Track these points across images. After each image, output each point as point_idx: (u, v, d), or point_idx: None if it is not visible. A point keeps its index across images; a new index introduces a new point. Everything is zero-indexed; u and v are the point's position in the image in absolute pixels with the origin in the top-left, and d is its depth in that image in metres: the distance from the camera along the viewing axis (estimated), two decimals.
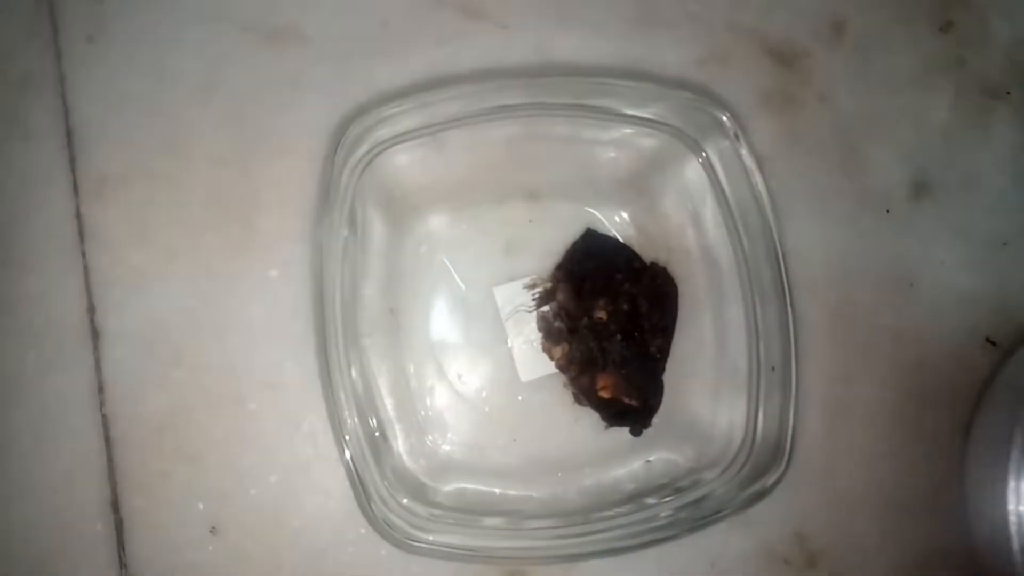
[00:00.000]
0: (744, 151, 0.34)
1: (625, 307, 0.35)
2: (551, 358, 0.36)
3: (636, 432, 0.36)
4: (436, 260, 0.37)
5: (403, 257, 0.36)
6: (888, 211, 0.40)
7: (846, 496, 0.38)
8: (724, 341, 0.36)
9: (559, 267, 0.36)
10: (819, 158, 0.40)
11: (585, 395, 0.35)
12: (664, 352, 0.36)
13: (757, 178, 0.34)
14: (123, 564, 0.35)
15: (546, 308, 0.36)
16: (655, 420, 0.36)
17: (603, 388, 0.34)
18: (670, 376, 0.37)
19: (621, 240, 0.36)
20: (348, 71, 0.38)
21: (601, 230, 0.37)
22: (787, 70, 0.40)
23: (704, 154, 0.36)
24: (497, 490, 0.35)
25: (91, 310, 0.36)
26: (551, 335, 0.36)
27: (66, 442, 0.35)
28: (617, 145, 0.37)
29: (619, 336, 0.35)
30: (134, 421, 0.36)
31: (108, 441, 0.36)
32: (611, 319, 0.35)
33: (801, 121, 0.40)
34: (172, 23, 0.38)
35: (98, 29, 0.38)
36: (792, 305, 0.34)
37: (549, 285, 0.36)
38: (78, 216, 0.37)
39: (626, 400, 0.35)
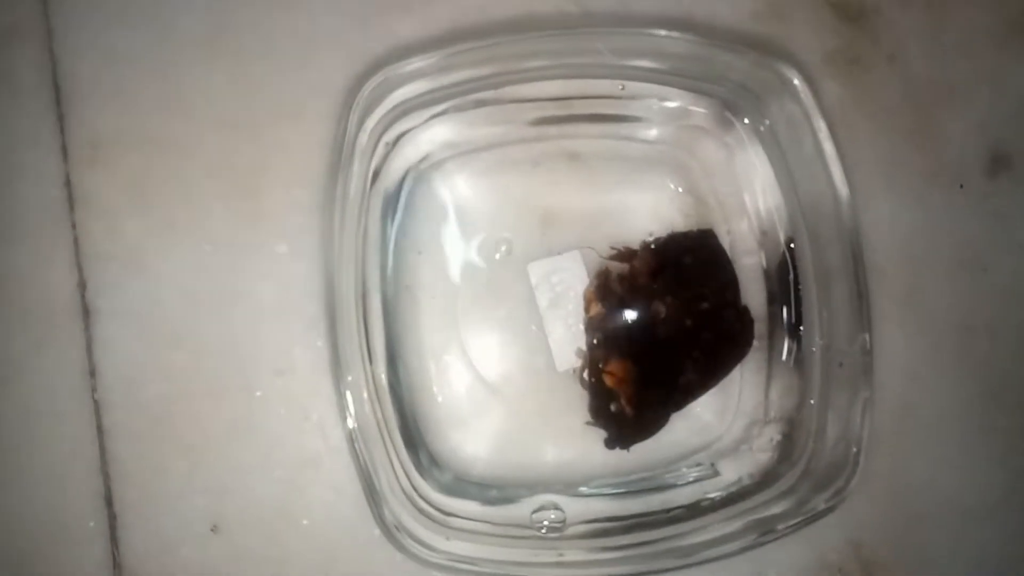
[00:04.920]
0: (816, 116, 0.28)
1: (688, 323, 0.29)
2: (585, 310, 0.30)
3: (610, 445, 0.30)
4: (463, 232, 0.31)
5: (425, 229, 0.31)
6: (962, 186, 0.34)
7: (907, 502, 0.32)
8: (782, 330, 0.31)
9: (655, 240, 0.30)
10: (886, 127, 0.34)
11: (590, 370, 0.29)
12: (690, 393, 0.30)
13: (829, 147, 0.28)
14: (116, 563, 0.30)
15: (617, 265, 0.30)
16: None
17: (610, 373, 0.29)
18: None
19: (732, 264, 0.30)
20: (366, 22, 0.32)
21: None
22: (852, 27, 0.34)
23: (766, 119, 0.29)
24: (527, 495, 0.29)
25: (82, 286, 0.31)
26: (600, 289, 0.30)
27: (55, 431, 0.30)
28: (666, 105, 0.31)
29: (663, 348, 0.29)
30: (129, 408, 0.31)
31: (100, 430, 0.31)
32: (665, 322, 0.29)
33: (867, 85, 0.33)
34: None
35: None
36: (867, 292, 0.27)
37: (635, 249, 0.30)
38: (68, 183, 0.31)
39: (623, 402, 0.29)
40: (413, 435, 0.29)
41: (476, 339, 0.30)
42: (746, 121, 0.30)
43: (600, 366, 0.29)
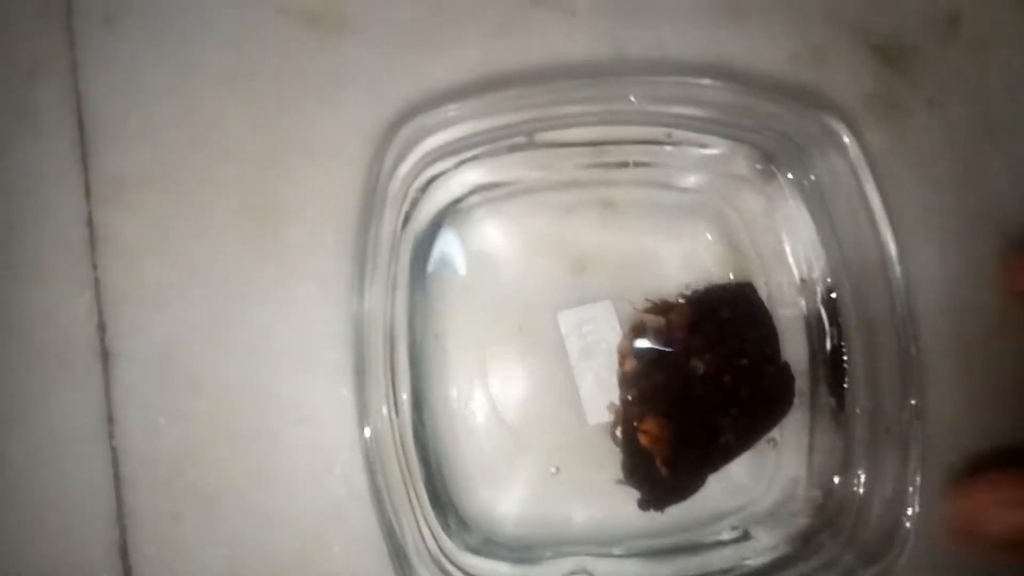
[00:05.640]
0: (864, 170, 0.27)
1: (727, 380, 0.27)
2: (620, 365, 0.29)
3: (644, 507, 0.28)
4: (493, 279, 0.30)
5: (454, 275, 0.30)
6: (1004, 234, 0.32)
7: None
8: (824, 388, 0.29)
9: (692, 292, 0.29)
10: (927, 172, 0.32)
11: (624, 427, 0.28)
12: (729, 453, 0.28)
13: (877, 202, 0.27)
14: None
15: (653, 319, 0.29)
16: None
17: (644, 432, 0.27)
18: None
19: (771, 318, 0.29)
20: (396, 63, 0.31)
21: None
22: (892, 70, 0.32)
23: (811, 173, 0.29)
24: (555, 556, 0.28)
25: (101, 329, 0.30)
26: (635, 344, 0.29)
27: (70, 479, 0.29)
28: (704, 153, 0.29)
29: (700, 407, 0.27)
30: (147, 457, 0.30)
31: (117, 478, 0.29)
32: (703, 379, 0.27)
33: (907, 130, 0.32)
34: (200, 4, 0.31)
35: (117, 10, 0.31)
36: (916, 355, 0.26)
37: (671, 302, 0.29)
38: (90, 222, 0.30)
39: (658, 463, 0.27)
40: (439, 491, 0.28)
41: (505, 390, 0.29)
42: (790, 175, 0.29)
43: (635, 424, 0.28)
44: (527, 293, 0.30)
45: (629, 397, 0.28)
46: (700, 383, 0.27)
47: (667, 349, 0.28)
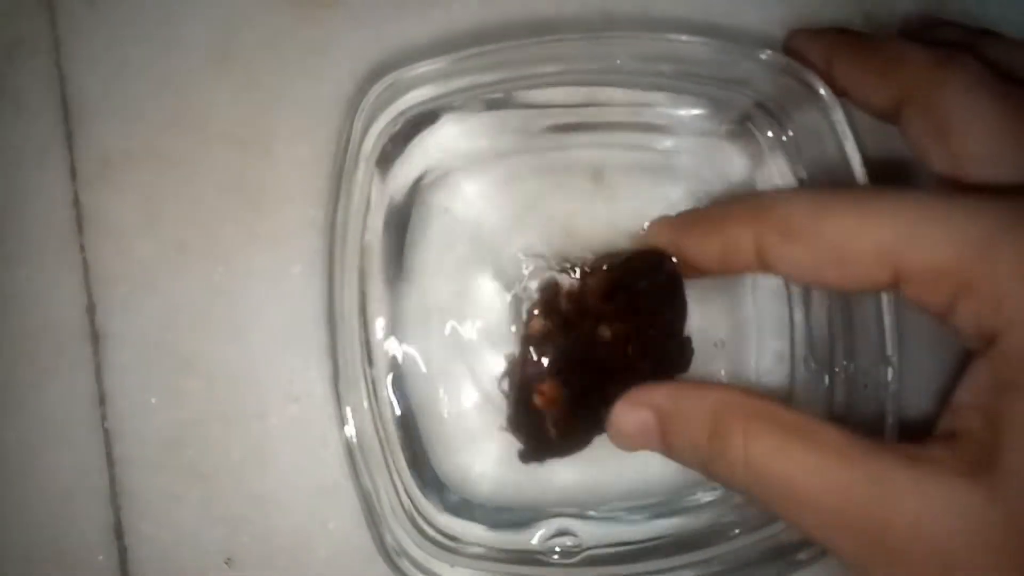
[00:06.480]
0: (844, 127, 0.27)
1: (629, 351, 0.26)
2: (524, 322, 0.27)
3: (524, 459, 0.27)
4: (470, 243, 0.29)
5: (432, 241, 0.29)
6: None
7: None
8: (800, 349, 0.29)
9: (612, 260, 0.28)
10: None
11: (518, 381, 0.27)
12: None
13: (855, 158, 0.27)
14: None
15: (569, 278, 0.28)
16: None
17: (541, 394, 0.26)
18: None
19: (684, 292, 0.27)
20: (383, 32, 0.30)
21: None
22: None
23: (789, 129, 0.28)
24: (535, 518, 0.28)
25: (91, 310, 0.30)
26: (547, 304, 0.27)
27: (63, 460, 0.29)
28: (685, 114, 0.29)
29: (598, 373, 0.26)
30: (140, 437, 0.29)
31: (110, 459, 0.29)
32: (607, 346, 0.26)
33: None
34: None
35: None
36: (892, 310, 0.26)
37: (588, 266, 0.28)
38: (76, 202, 0.30)
39: (548, 424, 0.26)
40: (418, 455, 0.28)
41: (484, 354, 0.29)
42: (769, 132, 0.29)
43: (532, 385, 0.26)
44: (506, 257, 0.29)
45: (529, 356, 0.26)
46: (602, 348, 0.26)
47: (575, 313, 0.27)
